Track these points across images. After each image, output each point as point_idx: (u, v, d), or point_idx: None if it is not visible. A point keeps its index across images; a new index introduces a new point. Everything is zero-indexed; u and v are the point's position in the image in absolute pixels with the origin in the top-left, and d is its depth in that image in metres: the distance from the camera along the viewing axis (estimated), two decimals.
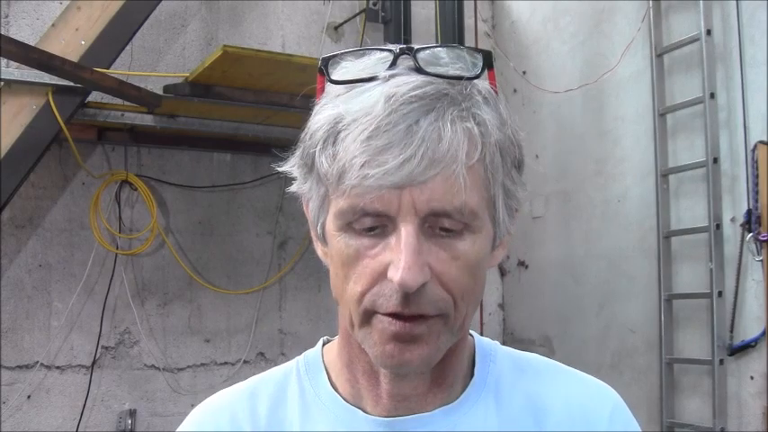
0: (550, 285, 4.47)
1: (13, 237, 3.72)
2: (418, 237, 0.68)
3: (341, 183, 0.69)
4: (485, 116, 0.71)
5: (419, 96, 0.68)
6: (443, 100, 0.69)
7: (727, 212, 3.42)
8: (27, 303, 3.72)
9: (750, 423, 3.27)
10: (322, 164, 0.71)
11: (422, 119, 0.67)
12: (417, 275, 0.66)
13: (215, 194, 4.15)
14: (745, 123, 3.32)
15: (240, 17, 4.23)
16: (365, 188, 0.67)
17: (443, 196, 0.67)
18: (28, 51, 2.99)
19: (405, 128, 0.67)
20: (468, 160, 0.68)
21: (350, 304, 0.72)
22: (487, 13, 4.99)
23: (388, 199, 0.67)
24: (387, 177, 0.66)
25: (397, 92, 0.68)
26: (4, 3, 3.66)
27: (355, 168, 0.67)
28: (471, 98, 0.71)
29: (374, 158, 0.66)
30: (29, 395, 3.70)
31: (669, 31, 3.76)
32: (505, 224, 0.76)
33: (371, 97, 0.69)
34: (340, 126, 0.70)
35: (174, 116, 3.75)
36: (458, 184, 0.67)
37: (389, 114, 0.67)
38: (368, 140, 0.67)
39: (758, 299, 3.26)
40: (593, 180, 4.19)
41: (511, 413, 0.80)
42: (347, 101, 0.71)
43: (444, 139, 0.67)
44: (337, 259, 0.73)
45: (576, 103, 4.25)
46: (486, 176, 0.71)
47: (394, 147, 0.66)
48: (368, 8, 4.37)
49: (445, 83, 0.71)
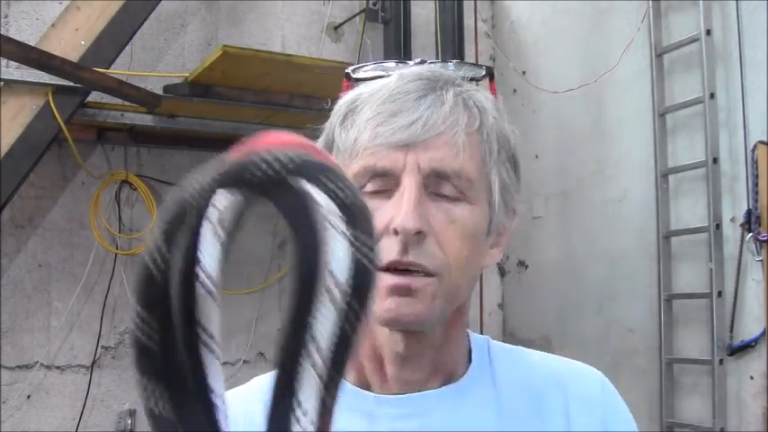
0: (550, 285, 4.47)
1: (13, 237, 3.71)
2: (420, 190, 0.76)
3: (355, 146, 0.78)
4: (483, 101, 0.82)
5: (427, 77, 0.80)
6: (447, 82, 0.80)
7: (726, 212, 3.42)
8: (27, 303, 3.72)
9: (750, 423, 3.27)
10: (340, 136, 0.81)
11: (429, 93, 0.78)
12: (416, 219, 0.74)
13: None
14: (745, 123, 3.32)
15: (240, 17, 4.23)
16: (376, 147, 0.76)
17: (444, 157, 0.76)
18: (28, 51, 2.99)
19: (414, 98, 0.77)
20: (467, 128, 0.78)
21: None
22: (487, 13, 4.99)
23: (395, 157, 0.76)
24: (396, 135, 0.75)
25: (408, 73, 0.80)
26: (4, 3, 3.66)
27: (369, 129, 0.77)
28: (470, 87, 0.83)
29: (386, 120, 0.76)
30: (29, 395, 3.70)
31: (669, 31, 3.76)
32: (500, 215, 0.83)
33: (386, 79, 0.81)
34: (357, 102, 0.80)
35: (174, 116, 3.75)
36: (457, 147, 0.77)
37: (401, 87, 0.78)
38: (381, 105, 0.77)
39: (758, 299, 3.26)
40: (593, 180, 4.19)
41: (507, 392, 0.85)
42: (364, 87, 0.82)
43: (446, 106, 0.77)
44: None
45: (575, 103, 4.24)
46: (482, 153, 0.80)
47: (403, 111, 0.76)
48: (368, 8, 4.36)
49: (448, 73, 0.83)
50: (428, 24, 4.37)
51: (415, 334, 0.79)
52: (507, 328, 4.88)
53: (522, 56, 4.72)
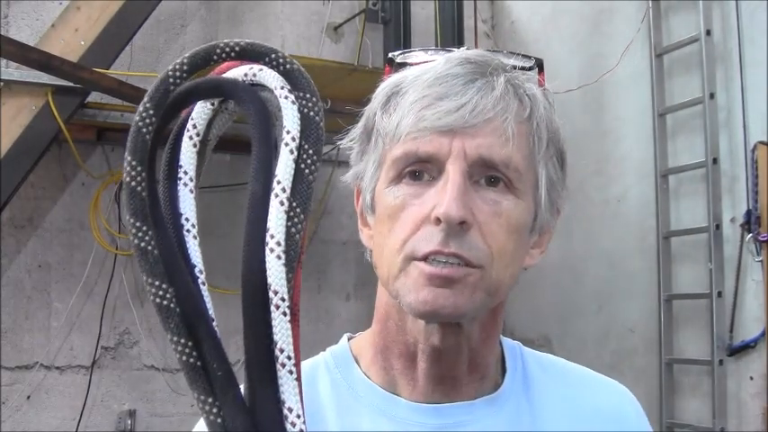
0: (550, 285, 4.47)
1: (13, 237, 3.71)
2: (464, 178, 0.71)
3: (398, 130, 0.73)
4: (534, 90, 0.78)
5: (476, 61, 0.75)
6: (497, 67, 0.76)
7: (726, 213, 3.42)
8: (27, 304, 3.72)
9: (750, 423, 3.27)
10: (382, 120, 0.76)
11: (478, 77, 0.73)
12: (461, 208, 0.70)
13: (215, 194, 4.14)
14: (745, 123, 3.32)
15: (240, 17, 4.23)
16: (421, 131, 0.72)
17: (492, 145, 0.72)
18: (27, 52, 2.99)
19: (462, 81, 0.73)
20: (517, 116, 0.74)
21: (390, 258, 0.74)
22: (487, 13, 4.98)
23: (440, 142, 0.72)
24: (442, 119, 0.71)
25: (456, 56, 0.76)
26: (4, 3, 3.66)
27: (414, 112, 0.72)
28: (521, 74, 0.79)
29: (433, 103, 0.72)
30: (28, 396, 3.70)
31: (669, 31, 3.76)
32: (545, 213, 0.79)
33: (431, 63, 0.77)
34: (401, 86, 0.76)
35: None
36: (506, 135, 0.72)
37: (449, 70, 0.73)
38: (428, 88, 0.73)
39: (758, 299, 3.26)
40: (593, 180, 4.18)
41: (547, 413, 0.81)
42: (408, 70, 0.78)
43: (497, 91, 0.73)
44: (384, 215, 0.75)
45: (575, 103, 4.24)
46: (531, 144, 0.76)
47: (451, 95, 0.72)
48: (368, 8, 4.36)
49: (502, 61, 0.79)
50: (428, 24, 4.36)
51: (452, 326, 0.75)
52: (507, 328, 4.88)
53: None
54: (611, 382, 0.88)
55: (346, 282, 4.33)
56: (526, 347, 0.88)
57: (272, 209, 0.53)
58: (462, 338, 0.77)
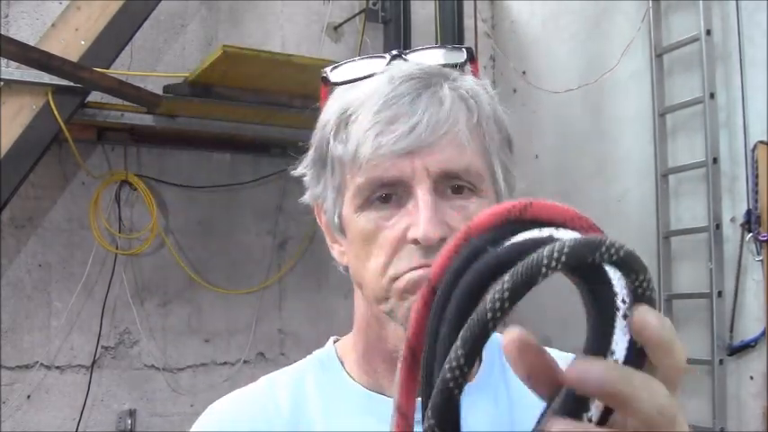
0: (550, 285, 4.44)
1: (13, 237, 3.71)
2: (433, 195, 0.73)
3: (356, 159, 0.74)
4: (476, 89, 0.79)
5: (416, 75, 0.76)
6: (438, 76, 0.77)
7: (726, 212, 3.42)
8: (27, 303, 3.72)
9: (750, 423, 3.27)
10: (336, 149, 0.77)
11: (423, 92, 0.74)
12: (437, 227, 0.72)
13: (215, 194, 4.15)
14: (745, 123, 3.32)
15: (240, 17, 4.23)
16: (380, 158, 0.73)
17: (451, 157, 0.74)
18: (28, 51, 2.99)
19: (409, 100, 0.73)
20: (468, 123, 0.76)
21: (373, 281, 0.76)
22: (487, 13, 4.99)
23: (402, 165, 0.73)
24: (399, 143, 0.72)
25: (396, 74, 0.76)
26: (4, 3, 3.66)
27: (369, 140, 0.73)
28: (460, 76, 0.79)
29: (385, 128, 0.73)
30: (29, 395, 3.70)
31: (669, 31, 3.76)
32: (507, 199, 0.80)
33: (374, 82, 0.77)
34: (349, 111, 0.76)
35: (174, 116, 3.75)
36: (462, 144, 0.74)
37: (393, 90, 0.74)
38: (378, 114, 0.73)
39: (758, 299, 3.25)
40: (593, 180, 4.18)
41: (520, 395, 0.82)
42: (351, 92, 0.78)
43: (445, 104, 0.74)
44: (358, 239, 0.77)
45: (575, 103, 4.24)
46: (484, 145, 0.78)
47: (402, 116, 0.73)
48: (368, 8, 4.36)
49: (436, 66, 0.79)
50: (428, 24, 4.36)
51: None
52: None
53: (522, 56, 4.72)
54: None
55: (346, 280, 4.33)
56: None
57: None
58: None
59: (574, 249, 0.43)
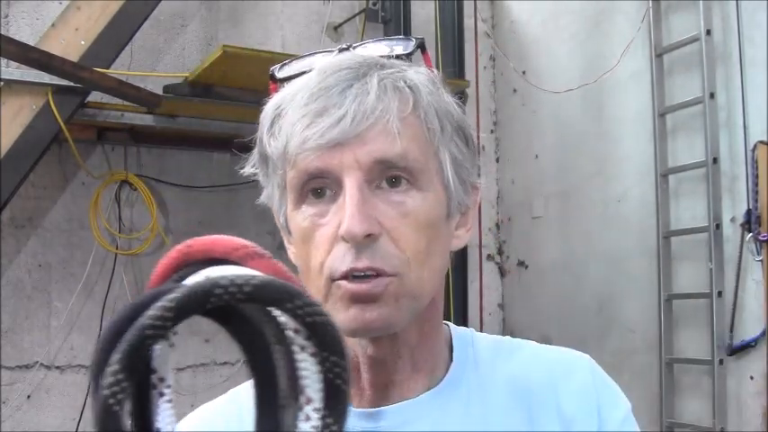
0: (550, 285, 4.47)
1: (13, 237, 3.71)
2: (362, 189, 0.70)
3: (287, 153, 0.72)
4: (414, 78, 0.75)
5: (348, 66, 0.73)
6: (370, 67, 0.74)
7: (727, 212, 3.42)
8: (27, 303, 3.72)
9: (750, 423, 3.27)
10: (269, 145, 0.75)
11: (354, 82, 0.72)
12: (363, 222, 0.69)
13: (215, 194, 4.14)
14: (745, 123, 3.32)
15: (240, 17, 4.23)
16: (308, 151, 0.71)
17: (382, 146, 0.71)
18: (28, 51, 2.99)
19: (338, 91, 0.71)
20: (399, 112, 0.72)
21: (314, 280, 0.73)
22: (487, 13, 4.99)
23: (330, 157, 0.71)
24: (325, 135, 0.70)
25: (328, 65, 0.74)
26: (4, 3, 3.66)
27: (297, 133, 0.71)
28: (399, 67, 0.76)
29: (313, 121, 0.70)
30: (29, 395, 3.70)
31: (669, 31, 3.76)
32: (459, 194, 0.78)
33: (306, 76, 0.75)
34: (281, 106, 0.74)
35: (174, 116, 3.75)
36: (393, 132, 0.70)
37: (322, 82, 0.72)
38: (305, 107, 0.71)
39: (758, 299, 3.26)
40: (593, 180, 4.19)
41: (494, 393, 0.80)
42: (286, 88, 0.76)
43: (373, 94, 0.71)
44: (298, 238, 0.75)
45: (575, 103, 4.24)
46: (424, 133, 0.74)
47: (329, 108, 0.70)
48: (368, 8, 4.36)
49: (376, 57, 0.76)
50: (428, 24, 4.36)
51: (387, 337, 0.74)
52: (507, 328, 4.88)
53: (522, 56, 4.72)
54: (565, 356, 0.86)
55: None
56: (482, 333, 0.88)
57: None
58: (399, 344, 0.76)
59: (180, 302, 0.40)
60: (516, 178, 4.75)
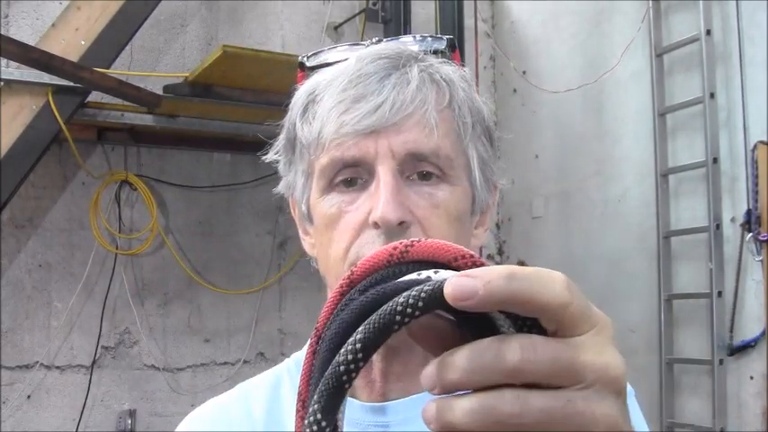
0: None
1: (13, 237, 3.71)
2: (396, 178, 0.70)
3: (320, 139, 0.72)
4: (450, 73, 0.75)
5: (387, 55, 0.73)
6: (409, 58, 0.74)
7: (727, 212, 3.42)
8: (27, 303, 3.72)
9: (750, 423, 3.27)
10: (302, 129, 0.75)
11: (392, 72, 0.71)
12: (397, 209, 0.68)
13: (215, 194, 4.15)
14: (745, 123, 3.32)
15: (240, 17, 4.23)
16: (343, 136, 0.70)
17: (418, 138, 0.70)
18: (28, 51, 2.99)
19: (377, 79, 0.71)
20: (437, 105, 0.72)
21: (334, 267, 0.73)
22: (487, 13, 4.99)
23: (365, 145, 0.70)
24: (362, 122, 0.69)
25: (367, 53, 0.74)
26: (4, 3, 3.66)
27: (333, 118, 0.71)
28: (435, 61, 0.76)
29: (350, 107, 0.70)
30: (29, 395, 3.70)
31: (669, 31, 3.76)
32: (482, 192, 0.78)
33: (343, 63, 0.74)
34: (316, 92, 0.74)
35: (174, 116, 3.75)
36: (430, 125, 0.70)
37: (361, 69, 0.71)
38: (343, 92, 0.71)
39: (758, 299, 3.26)
40: (593, 180, 4.19)
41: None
42: (321, 74, 0.76)
43: (413, 84, 0.71)
44: (321, 225, 0.75)
45: (575, 103, 4.24)
46: (457, 129, 0.74)
47: (368, 95, 0.70)
48: (368, 8, 4.36)
49: (413, 50, 0.76)
50: (428, 24, 4.37)
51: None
52: None
53: (522, 56, 4.72)
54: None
55: None
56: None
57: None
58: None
59: (432, 295, 0.41)
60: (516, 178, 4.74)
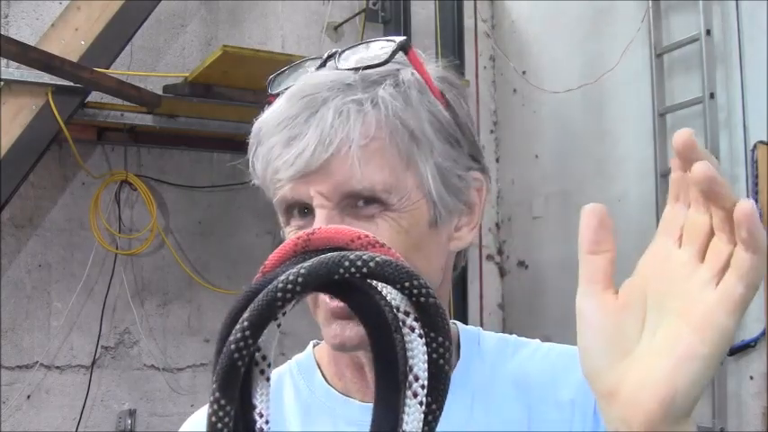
0: (550, 285, 4.47)
1: (13, 237, 3.71)
2: (331, 220, 0.70)
3: (266, 181, 0.75)
4: (387, 99, 0.72)
5: (309, 93, 0.71)
6: (340, 89, 0.71)
7: None
8: (27, 303, 3.72)
9: (750, 423, 3.27)
10: (254, 167, 0.76)
11: (320, 108, 0.70)
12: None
13: (215, 194, 4.15)
14: (745, 123, 3.32)
15: (240, 17, 4.23)
16: (281, 181, 0.72)
17: (347, 178, 0.70)
18: (28, 51, 2.99)
19: (303, 120, 0.70)
20: (363, 140, 0.70)
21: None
22: (487, 13, 4.99)
23: (299, 190, 0.71)
24: (291, 168, 0.70)
25: (297, 90, 0.73)
26: (4, 3, 3.66)
27: (271, 162, 0.72)
28: (374, 84, 0.72)
29: (282, 152, 0.71)
30: (28, 395, 3.70)
31: (669, 31, 3.76)
32: (446, 201, 0.75)
33: (279, 101, 0.75)
34: (260, 131, 0.74)
35: (174, 116, 3.75)
36: (356, 163, 0.69)
37: (289, 109, 0.71)
38: (275, 136, 0.72)
39: (758, 299, 3.25)
40: (593, 180, 4.19)
41: (498, 387, 0.82)
42: (268, 110, 0.76)
43: (333, 123, 0.69)
44: None
45: (575, 103, 4.24)
46: (399, 155, 0.72)
47: (295, 138, 0.70)
48: (368, 8, 4.36)
49: (351, 73, 0.73)
50: (428, 24, 4.37)
51: None
52: (507, 328, 4.88)
53: (522, 56, 4.72)
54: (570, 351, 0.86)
55: None
56: (489, 333, 0.89)
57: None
58: None
59: (311, 270, 0.43)
60: (516, 178, 4.74)
